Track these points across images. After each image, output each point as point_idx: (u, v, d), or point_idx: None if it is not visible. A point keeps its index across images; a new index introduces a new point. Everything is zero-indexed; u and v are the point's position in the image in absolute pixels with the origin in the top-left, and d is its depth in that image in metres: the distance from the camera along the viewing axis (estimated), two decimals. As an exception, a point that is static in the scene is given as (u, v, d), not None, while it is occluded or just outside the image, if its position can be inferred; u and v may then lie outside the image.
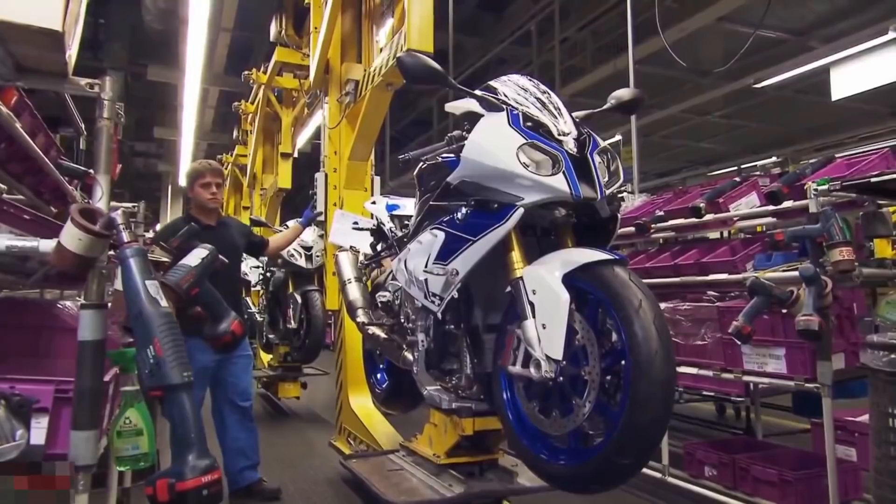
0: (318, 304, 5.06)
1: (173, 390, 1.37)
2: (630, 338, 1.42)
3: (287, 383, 5.89)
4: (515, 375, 1.68)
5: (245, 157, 8.88)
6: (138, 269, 1.44)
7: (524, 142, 1.67)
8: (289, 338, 5.46)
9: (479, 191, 1.77)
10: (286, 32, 6.44)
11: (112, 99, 1.63)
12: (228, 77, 9.95)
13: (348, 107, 3.93)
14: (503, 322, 1.81)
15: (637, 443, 1.42)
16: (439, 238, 1.88)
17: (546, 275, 1.58)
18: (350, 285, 2.96)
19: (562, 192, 1.63)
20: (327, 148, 4.17)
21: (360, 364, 3.38)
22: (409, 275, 2.06)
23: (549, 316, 1.54)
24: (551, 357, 1.52)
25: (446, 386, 2.19)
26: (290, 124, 7.26)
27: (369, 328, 2.71)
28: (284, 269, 5.34)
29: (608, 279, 1.51)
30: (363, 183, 4.11)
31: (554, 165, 1.65)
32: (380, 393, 3.04)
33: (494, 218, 1.70)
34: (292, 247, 5.13)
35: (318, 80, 4.26)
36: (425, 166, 2.20)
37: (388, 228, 2.96)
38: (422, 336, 2.21)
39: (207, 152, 13.44)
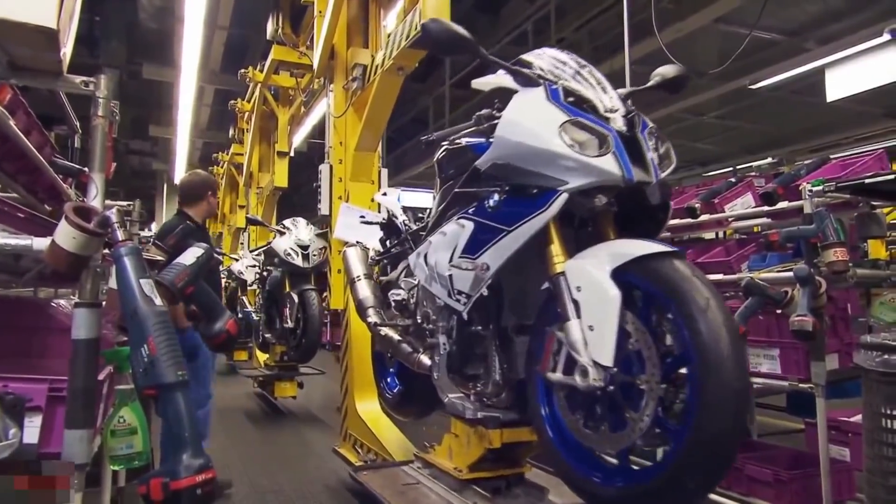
0: (314, 303, 5.05)
1: (167, 389, 1.37)
2: (696, 340, 1.24)
3: (283, 383, 5.90)
4: (556, 384, 1.51)
5: (241, 156, 8.88)
6: (133, 267, 1.43)
7: (567, 119, 1.49)
8: (285, 337, 5.45)
9: (515, 175, 1.59)
10: (283, 30, 6.41)
11: (107, 97, 1.62)
12: (224, 75, 9.90)
13: (355, 94, 3.69)
14: (538, 323, 1.64)
15: (707, 461, 1.23)
16: (467, 229, 1.71)
17: (593, 269, 1.41)
18: (359, 282, 2.74)
19: (612, 175, 1.45)
20: (332, 138, 3.96)
21: (368, 367, 3.19)
22: (430, 270, 1.89)
23: (597, 316, 1.37)
24: (600, 363, 1.35)
25: (469, 393, 2.01)
26: (286, 123, 7.26)
27: (381, 329, 2.50)
28: (281, 268, 5.31)
29: (667, 274, 1.33)
30: (370, 175, 3.85)
31: (601, 145, 1.47)
32: (390, 398, 2.84)
33: (533, 205, 1.51)
34: (289, 246, 5.13)
35: (322, 66, 4.04)
36: (447, 151, 2.02)
37: (402, 221, 2.74)
38: (443, 338, 2.02)
39: (203, 151, 13.42)
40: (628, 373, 1.37)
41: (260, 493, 3.42)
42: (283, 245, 5.17)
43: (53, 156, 2.27)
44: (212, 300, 1.91)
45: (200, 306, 1.89)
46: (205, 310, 1.91)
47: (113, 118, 1.70)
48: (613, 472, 1.45)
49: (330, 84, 4.09)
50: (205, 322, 1.92)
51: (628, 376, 1.36)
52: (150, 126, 12.76)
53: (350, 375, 3.70)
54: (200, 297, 1.86)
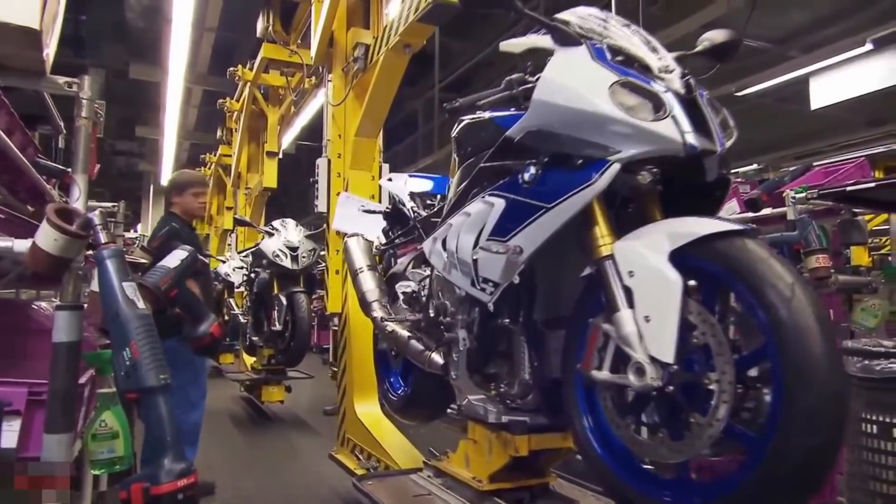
0: (303, 305, 4.99)
1: (150, 393, 1.35)
2: (779, 333, 1.06)
3: (271, 387, 5.83)
4: (602, 383, 1.32)
5: (229, 157, 8.82)
6: (115, 270, 1.42)
7: (618, 79, 1.31)
8: (273, 340, 5.37)
9: (555, 144, 1.40)
10: (273, 28, 6.28)
11: (91, 98, 1.61)
12: (212, 77, 9.87)
13: (356, 77, 3.47)
14: (578, 315, 1.45)
15: (795, 477, 1.04)
16: (497, 207, 1.50)
17: (648, 252, 1.22)
18: (363, 274, 2.51)
19: (673, 143, 1.27)
20: (330, 130, 3.73)
21: (368, 367, 2.99)
22: (449, 257, 1.69)
23: (655, 305, 1.19)
24: (659, 359, 1.17)
25: (492, 394, 1.82)
26: (276, 122, 7.17)
27: (387, 324, 2.29)
28: (269, 270, 5.24)
29: (738, 255, 1.14)
30: (371, 163, 3.63)
31: (658, 109, 1.29)
32: (395, 400, 2.61)
33: (577, 178, 1.32)
34: (278, 247, 5.08)
35: (321, 54, 3.82)
36: (468, 125, 1.83)
37: (410, 208, 2.51)
38: (463, 333, 1.81)
39: (190, 152, 13.33)
40: (692, 371, 1.18)
41: (245, 499, 3.39)
42: (272, 246, 5.11)
43: (36, 156, 2.24)
44: (196, 303, 1.89)
45: (185, 309, 1.87)
46: (189, 312, 1.89)
47: (97, 119, 1.68)
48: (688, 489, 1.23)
49: (328, 74, 3.88)
50: (189, 325, 1.90)
51: (693, 375, 1.17)
52: (136, 127, 12.67)
53: (349, 376, 3.50)
54: (185, 300, 1.84)
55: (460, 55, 9.96)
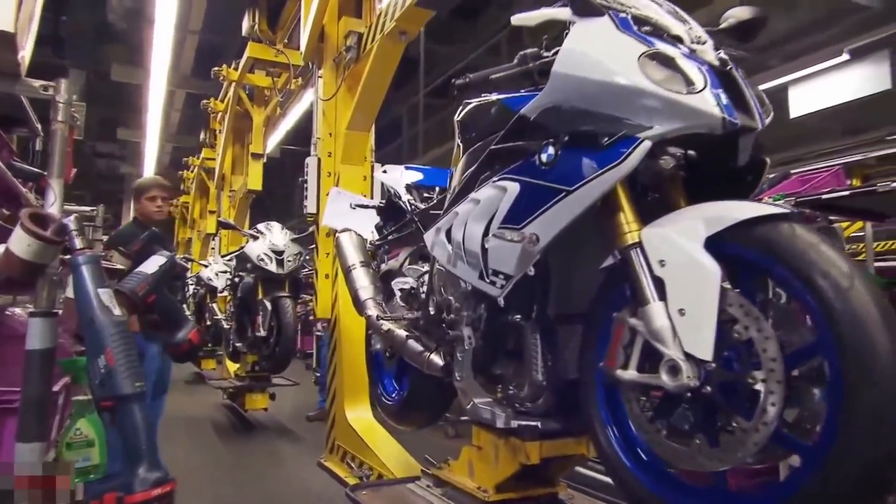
0: (288, 311, 4.89)
1: (125, 400, 1.34)
2: (838, 326, 0.95)
3: (254, 394, 5.73)
4: (629, 384, 1.21)
5: (212, 160, 8.73)
6: (91, 276, 1.40)
7: (647, 49, 1.21)
8: (257, 346, 5.26)
9: (577, 121, 1.29)
10: (259, 27, 6.15)
11: (67, 101, 1.59)
12: (196, 80, 9.79)
13: (348, 67, 3.33)
14: (598, 309, 1.34)
15: (858, 490, 0.92)
16: (511, 192, 1.39)
17: (681, 238, 1.12)
18: (356, 271, 2.38)
19: (710, 118, 1.16)
20: (320, 128, 3.60)
21: (360, 370, 2.88)
22: (454, 248, 1.58)
23: (691, 296, 1.09)
24: (696, 356, 1.07)
25: (498, 397, 1.70)
26: (261, 124, 7.08)
27: (383, 324, 2.16)
28: (254, 274, 5.14)
29: (784, 241, 1.03)
30: (363, 157, 3.48)
31: (692, 81, 1.19)
32: (390, 405, 2.47)
33: (603, 157, 1.21)
34: (262, 251, 4.99)
35: (310, 49, 3.67)
36: (474, 108, 1.72)
37: (406, 201, 2.37)
38: (468, 331, 1.68)
39: (173, 155, 13.19)
40: (733, 369, 1.07)
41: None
42: (257, 250, 5.01)
43: (12, 159, 2.21)
44: (174, 309, 1.87)
45: (163, 315, 1.85)
46: (167, 319, 1.87)
47: (73, 123, 1.66)
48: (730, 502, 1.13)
49: (318, 69, 3.73)
50: (167, 331, 1.88)
51: (734, 373, 1.07)
52: (118, 129, 12.52)
53: (339, 380, 3.35)
54: (163, 306, 1.82)
55: (445, 61, 9.98)
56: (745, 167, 1.25)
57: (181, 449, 4.37)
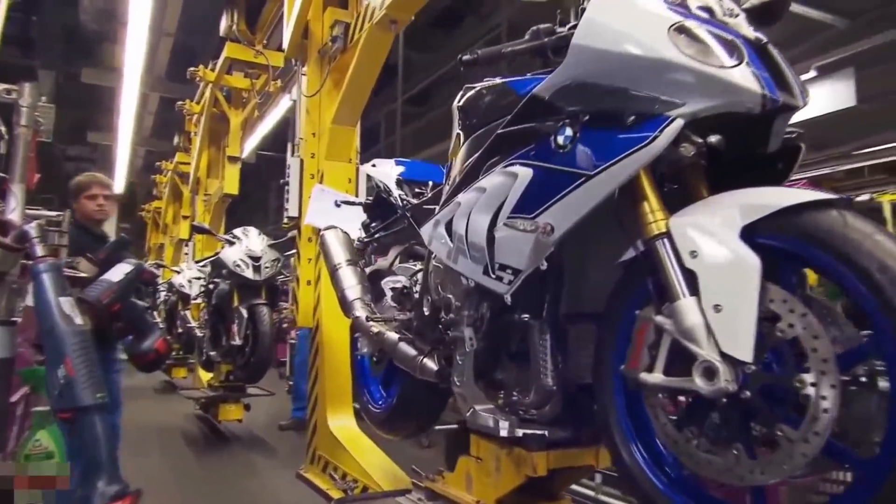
0: (265, 318, 4.77)
1: (84, 412, 1.30)
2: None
3: (228, 405, 5.56)
4: (654, 388, 1.11)
5: (187, 165, 8.60)
6: (52, 284, 1.37)
7: (677, 20, 1.11)
8: (232, 355, 5.10)
9: (598, 99, 1.19)
10: (238, 27, 5.99)
11: (31, 105, 1.56)
12: (170, 83, 9.66)
13: (333, 59, 3.18)
14: (616, 306, 1.24)
15: None
16: (522, 178, 1.28)
17: (715, 227, 1.03)
18: (342, 270, 2.23)
19: (750, 94, 1.06)
20: (304, 127, 3.44)
21: (344, 375, 2.76)
22: (456, 241, 1.46)
23: (727, 291, 0.99)
24: (735, 357, 0.97)
25: (500, 403, 1.57)
26: (238, 126, 6.96)
27: (372, 326, 2.04)
28: (229, 280, 4.99)
29: (836, 231, 0.95)
30: (349, 153, 3.30)
31: (729, 55, 1.09)
32: (377, 412, 2.32)
33: (628, 138, 1.11)
34: (239, 257, 4.85)
35: (294, 45, 3.51)
36: (477, 92, 1.60)
37: (398, 196, 2.24)
38: (469, 332, 1.56)
39: (146, 159, 12.99)
40: (775, 372, 0.99)
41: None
42: (233, 256, 4.87)
43: (-27, 163, 2.15)
44: (140, 317, 1.84)
45: (129, 324, 1.82)
46: (133, 327, 1.83)
47: (37, 127, 1.63)
48: None
49: (302, 67, 3.58)
50: (133, 340, 1.84)
51: (778, 376, 0.98)
52: (88, 132, 12.28)
53: (320, 386, 3.18)
54: (129, 314, 1.79)
55: (424, 69, 10.01)
56: (776, 154, 1.15)
57: (150, 460, 4.28)
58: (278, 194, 10.32)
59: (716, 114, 1.07)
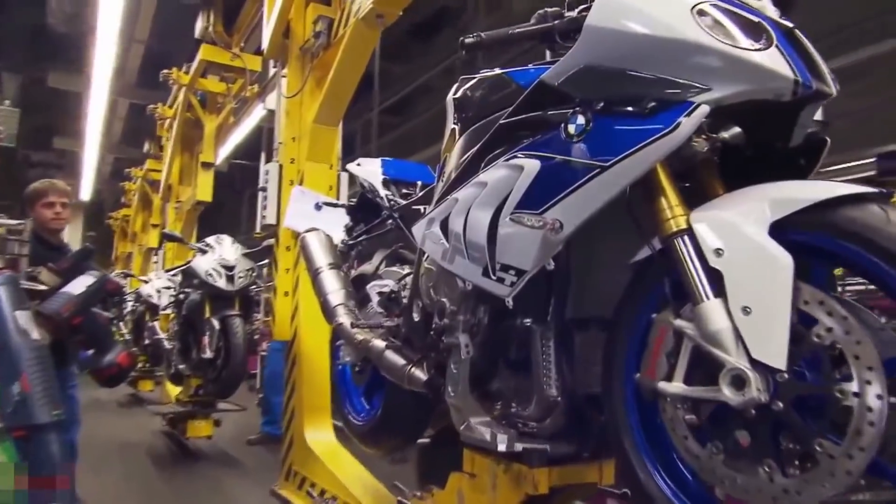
0: (238, 330, 4.61)
1: (40, 430, 1.23)
2: None
3: (198, 421, 5.33)
4: (674, 398, 1.02)
5: (157, 172, 8.42)
6: (7, 298, 1.29)
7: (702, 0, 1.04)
8: (202, 369, 4.92)
9: (615, 85, 1.10)
10: (214, 29, 5.75)
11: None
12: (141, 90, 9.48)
13: (316, 56, 3.06)
14: (627, 310, 1.16)
15: None
16: (529, 171, 1.18)
17: (742, 222, 0.95)
18: (324, 274, 2.12)
19: (781, 79, 0.98)
20: (283, 131, 3.30)
21: (322, 386, 2.65)
22: (453, 240, 1.37)
23: (758, 292, 0.92)
24: (766, 364, 0.90)
25: (496, 416, 1.46)
26: (213, 132, 6.76)
27: (356, 333, 1.93)
28: (201, 290, 4.81)
29: (878, 228, 0.87)
30: (331, 155, 3.17)
31: (757, 38, 1.01)
32: (359, 425, 2.21)
33: (648, 126, 1.02)
34: (211, 266, 4.69)
35: (274, 45, 3.38)
36: (475, 84, 1.52)
37: (385, 196, 2.13)
38: (465, 338, 1.46)
39: (114, 166, 12.70)
40: (810, 380, 0.91)
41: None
42: (205, 265, 4.72)
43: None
44: (102, 331, 1.76)
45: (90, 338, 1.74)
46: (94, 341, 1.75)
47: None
48: None
49: (283, 68, 3.45)
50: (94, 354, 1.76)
51: (815, 385, 0.90)
52: (54, 137, 11.97)
53: (297, 398, 3.02)
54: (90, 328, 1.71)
55: (400, 79, 10.02)
56: (797, 149, 1.08)
57: (112, 479, 4.11)
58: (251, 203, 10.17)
59: (741, 101, 1.00)
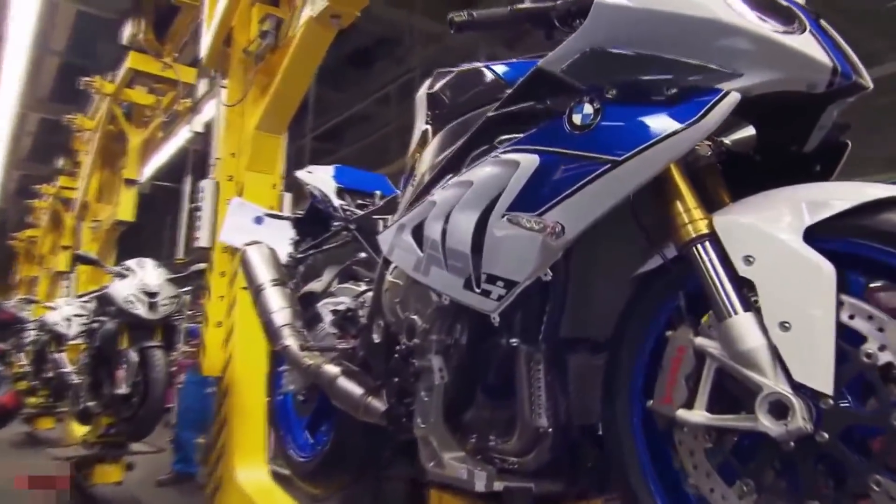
0: (159, 363, 4.22)
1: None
2: None
3: (107, 465, 4.75)
4: (696, 429, 0.90)
5: (71, 190, 7.82)
6: None
7: None
8: (115, 406, 4.44)
9: (628, 69, 0.98)
10: (144, 36, 5.39)
11: None
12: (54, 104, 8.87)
13: (261, 59, 2.85)
14: (633, 328, 1.04)
15: None
16: (525, 167, 1.04)
17: (774, 227, 0.85)
18: (267, 291, 1.92)
19: (819, 66, 0.89)
20: (221, 145, 3.09)
21: (256, 419, 2.51)
22: (429, 248, 1.21)
23: (798, 305, 0.81)
24: (811, 388, 0.79)
25: (470, 450, 1.29)
26: (138, 146, 6.33)
27: (305, 357, 1.74)
28: (118, 319, 4.41)
29: None
30: (274, 165, 2.97)
31: (790, 21, 0.92)
32: (303, 462, 2.01)
33: (669, 115, 0.91)
34: (131, 291, 4.32)
35: (214, 52, 3.18)
36: (457, 77, 1.39)
37: (339, 206, 1.97)
38: (438, 361, 1.29)
39: (21, 183, 11.74)
40: (856, 407, 0.81)
41: None
42: (124, 291, 4.34)
43: None
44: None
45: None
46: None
47: None
48: None
49: (223, 78, 3.25)
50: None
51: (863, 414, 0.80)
52: (-50, 151, 10.94)
53: (229, 433, 2.78)
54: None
55: (335, 107, 9.95)
56: (812, 154, 0.99)
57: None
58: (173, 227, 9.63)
59: (763, 94, 0.90)
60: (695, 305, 0.94)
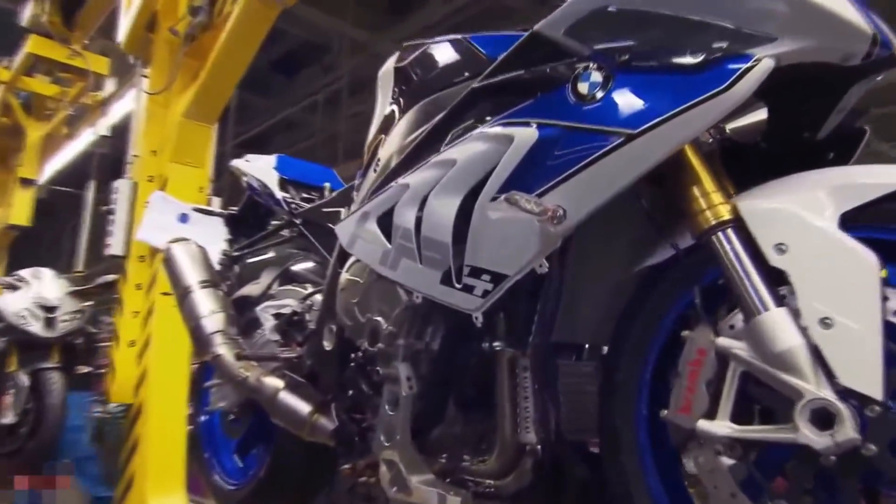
0: (55, 387, 3.86)
1: None
2: None
3: None
4: (720, 441, 0.79)
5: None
6: None
7: None
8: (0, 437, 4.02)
9: (643, 32, 0.87)
10: (49, 19, 4.76)
11: None
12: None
13: (191, 39, 2.54)
14: (637, 328, 0.94)
15: None
16: (521, 141, 0.91)
17: (807, 212, 0.77)
18: (196, 294, 1.71)
19: (860, 32, 0.80)
20: (141, 143, 2.79)
21: (175, 442, 2.31)
22: (399, 238, 1.07)
23: (840, 300, 0.73)
24: (860, 392, 0.70)
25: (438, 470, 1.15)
26: (38, 142, 5.67)
27: (240, 368, 1.56)
28: (7, 336, 4.02)
29: None
30: (203, 157, 2.68)
31: None
32: (233, 490, 1.84)
33: (693, 83, 0.81)
34: (24, 305, 3.92)
35: (135, 38, 2.86)
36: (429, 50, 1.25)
37: (282, 198, 1.79)
38: (406, 369, 1.14)
39: None
40: None
41: None
42: (16, 304, 3.96)
43: None
44: None
45: None
46: None
47: None
48: None
49: (145, 66, 2.94)
50: None
51: None
52: None
53: (141, 459, 2.51)
54: None
55: (259, 114, 9.66)
56: (825, 142, 0.91)
57: None
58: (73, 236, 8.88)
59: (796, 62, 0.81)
60: (712, 302, 0.85)
